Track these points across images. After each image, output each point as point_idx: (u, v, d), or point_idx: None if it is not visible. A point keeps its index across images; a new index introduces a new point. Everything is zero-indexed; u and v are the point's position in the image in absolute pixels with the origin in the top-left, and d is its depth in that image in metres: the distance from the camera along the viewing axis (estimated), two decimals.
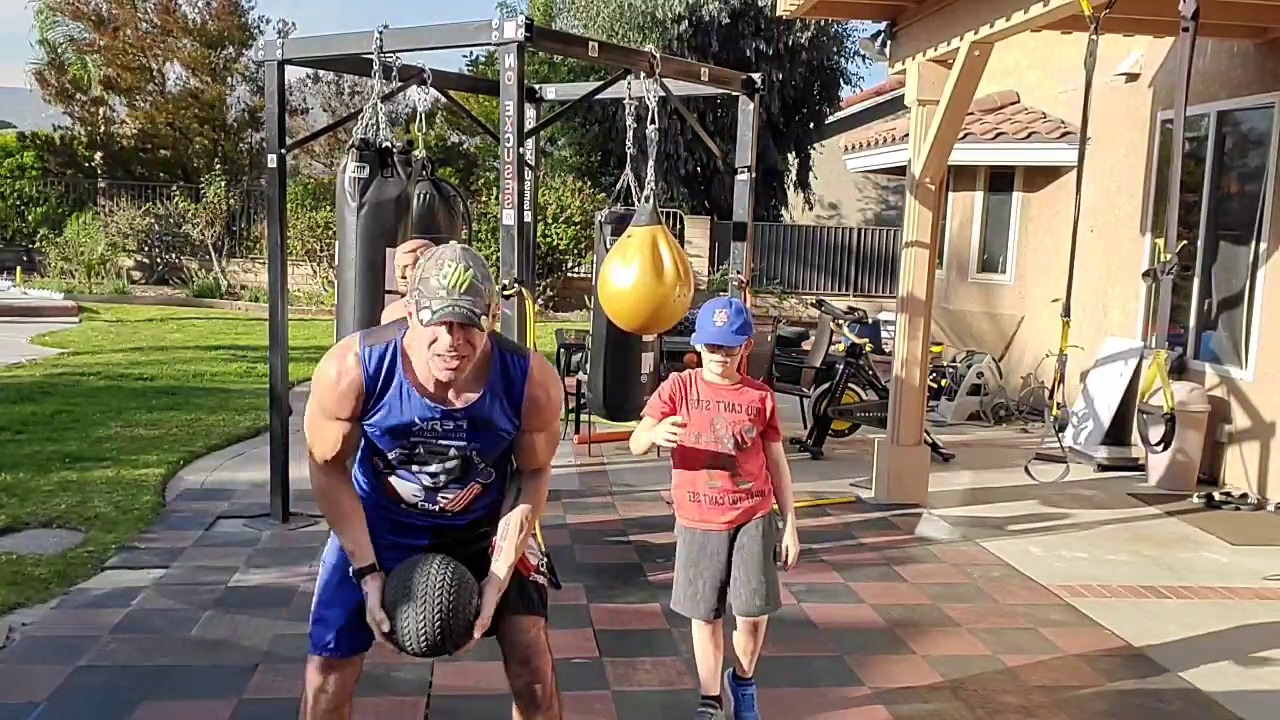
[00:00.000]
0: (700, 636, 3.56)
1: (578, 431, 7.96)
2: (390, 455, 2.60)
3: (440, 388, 2.51)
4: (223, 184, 18.93)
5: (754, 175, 6.31)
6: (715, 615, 3.51)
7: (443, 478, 2.61)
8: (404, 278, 4.37)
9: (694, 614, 3.51)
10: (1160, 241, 4.99)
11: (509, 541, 2.60)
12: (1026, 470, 5.59)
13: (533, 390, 2.58)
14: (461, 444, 2.57)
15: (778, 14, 7.48)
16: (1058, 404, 5.10)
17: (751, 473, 3.45)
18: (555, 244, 17.32)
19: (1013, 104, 10.68)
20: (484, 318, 2.40)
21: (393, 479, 2.64)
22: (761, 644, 3.62)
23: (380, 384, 2.49)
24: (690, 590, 3.50)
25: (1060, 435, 5.11)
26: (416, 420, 2.52)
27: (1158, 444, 6.54)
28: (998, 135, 9.98)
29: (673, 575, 5.10)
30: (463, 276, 2.37)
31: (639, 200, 5.33)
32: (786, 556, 3.41)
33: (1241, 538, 6.17)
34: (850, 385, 8.30)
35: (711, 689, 3.59)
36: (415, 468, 2.60)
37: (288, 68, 5.58)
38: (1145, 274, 5.12)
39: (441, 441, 2.55)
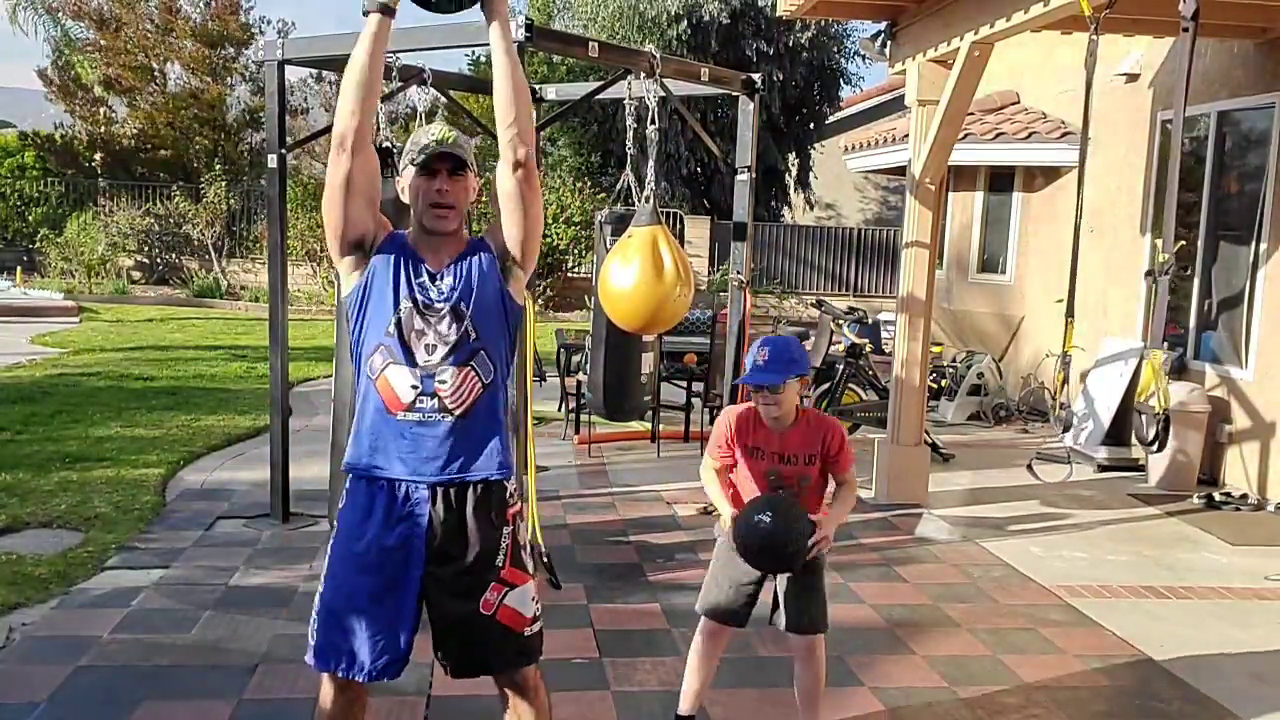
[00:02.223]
0: (701, 643, 3.43)
1: (578, 432, 7.97)
2: (393, 315, 2.60)
3: (432, 251, 2.68)
4: (223, 184, 18.94)
5: (754, 175, 6.31)
6: (732, 620, 3.35)
7: (438, 349, 2.59)
8: None
9: (701, 608, 3.37)
10: (1159, 242, 4.97)
11: None
12: (1030, 469, 5.59)
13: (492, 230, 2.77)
14: (453, 295, 2.64)
15: (778, 14, 7.49)
16: (1061, 404, 5.08)
17: (807, 509, 3.26)
18: (555, 244, 17.32)
19: (1013, 104, 10.68)
20: (469, 171, 2.66)
21: (389, 371, 2.60)
22: (822, 683, 3.39)
23: (389, 240, 2.72)
24: (711, 586, 3.36)
25: (1064, 436, 5.09)
26: (416, 271, 2.66)
27: (1151, 443, 6.53)
28: (998, 135, 9.98)
29: (673, 576, 5.11)
30: (448, 133, 2.66)
31: (639, 200, 5.33)
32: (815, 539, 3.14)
33: (1241, 538, 6.17)
34: (850, 385, 8.30)
35: (686, 708, 3.46)
36: (414, 336, 2.59)
37: (288, 68, 5.59)
38: (1148, 274, 5.10)
39: (433, 293, 2.64)
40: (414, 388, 2.60)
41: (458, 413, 2.61)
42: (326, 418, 5.23)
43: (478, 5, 2.67)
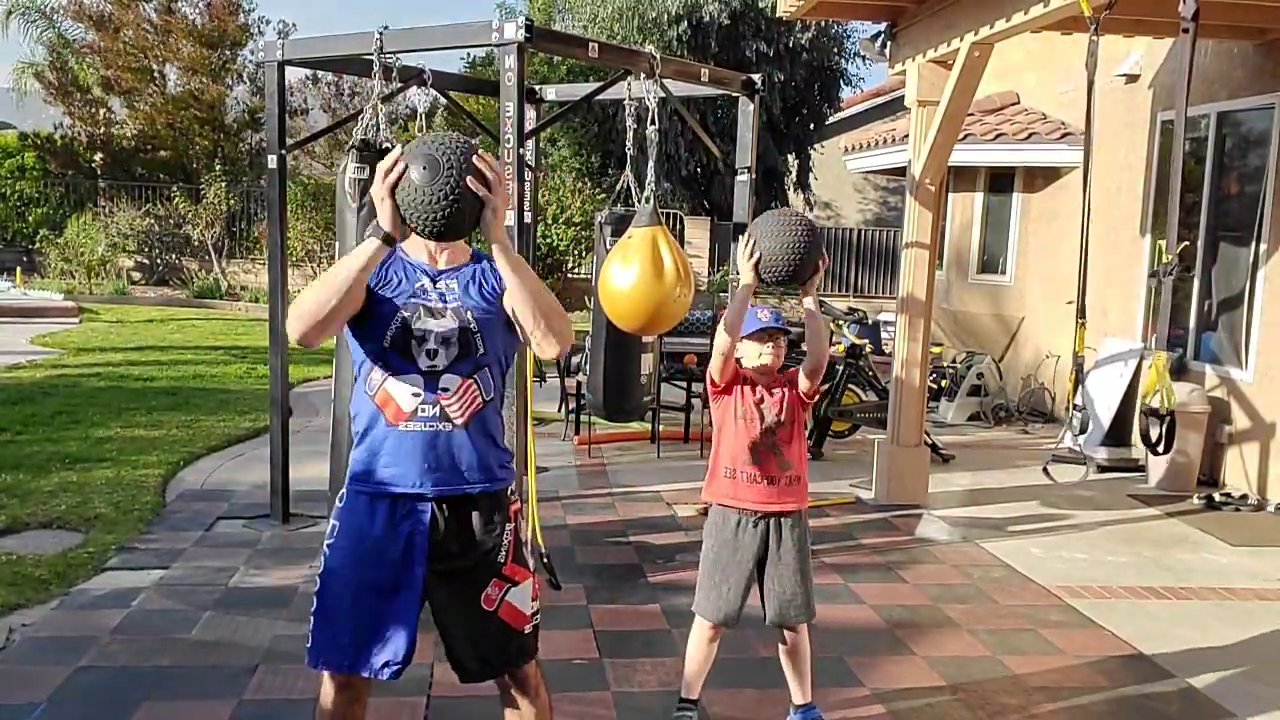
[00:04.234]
0: (700, 636, 3.54)
1: (577, 432, 7.97)
2: (390, 328, 2.58)
3: (431, 256, 2.69)
4: (223, 185, 18.93)
5: (754, 176, 6.31)
6: (729, 623, 3.49)
7: (440, 353, 2.58)
8: None
9: (713, 617, 3.48)
10: (1162, 243, 4.95)
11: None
12: (1045, 471, 5.56)
13: None
14: (455, 302, 2.63)
15: (778, 15, 7.48)
16: (1076, 406, 5.05)
17: (792, 455, 3.48)
18: (555, 245, 17.32)
19: (1013, 105, 10.68)
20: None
21: (390, 384, 2.59)
22: (810, 663, 3.59)
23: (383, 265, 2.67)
24: (714, 594, 3.47)
25: (1079, 438, 5.05)
26: (412, 277, 2.66)
27: (1156, 445, 6.50)
28: (998, 136, 9.99)
29: (673, 577, 5.11)
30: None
31: (639, 201, 5.33)
32: None
33: (1241, 539, 6.17)
34: (850, 386, 8.30)
35: (692, 691, 3.58)
36: (414, 343, 2.58)
37: (287, 68, 5.59)
38: (1152, 274, 5.08)
39: (436, 300, 2.63)
40: (415, 395, 2.59)
41: (459, 422, 2.60)
42: (326, 418, 5.23)
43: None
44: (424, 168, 2.37)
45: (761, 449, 3.45)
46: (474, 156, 2.43)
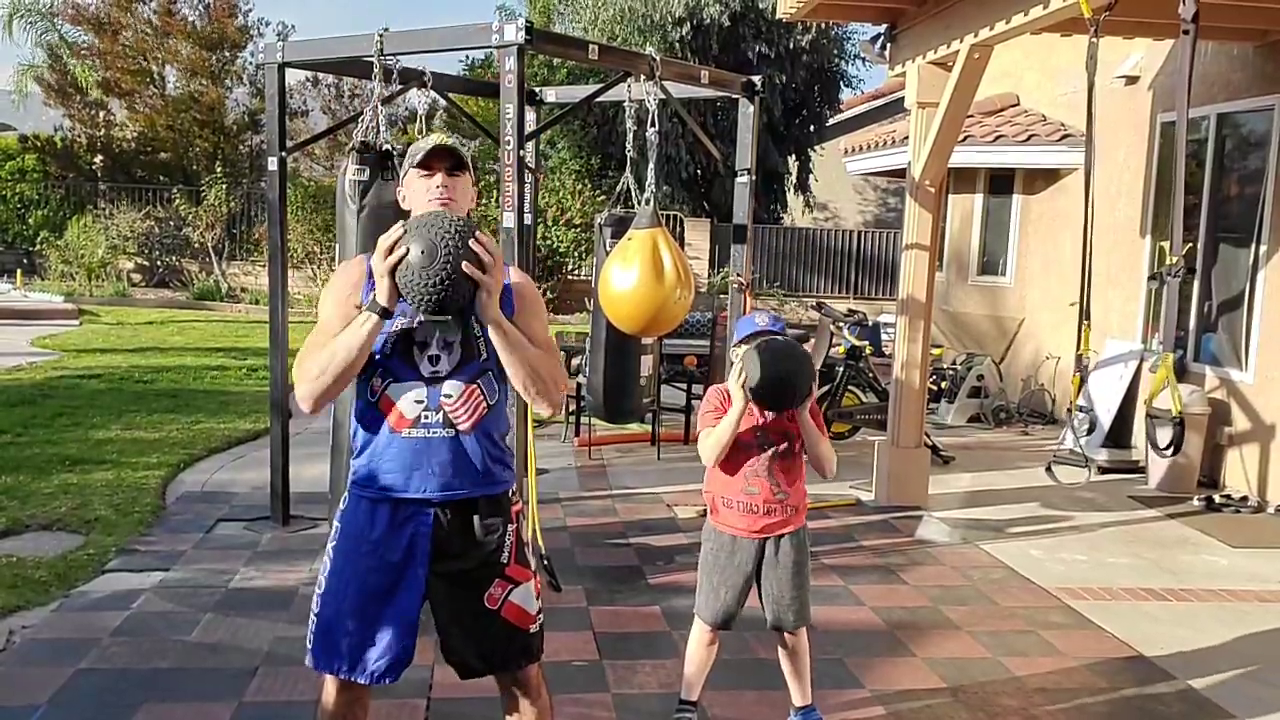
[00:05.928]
0: (699, 638, 3.56)
1: (577, 434, 7.97)
2: (393, 335, 2.58)
3: None
4: (223, 187, 18.95)
5: (754, 178, 6.31)
6: (728, 626, 3.51)
7: (443, 359, 2.59)
8: None
9: (710, 619, 3.49)
10: (1165, 245, 4.95)
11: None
12: (1049, 471, 5.54)
13: (515, 279, 2.74)
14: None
15: (778, 17, 7.49)
16: (1080, 407, 5.02)
17: (789, 484, 3.44)
18: (555, 247, 17.33)
19: (1012, 106, 10.69)
20: (467, 172, 2.68)
21: (391, 390, 2.59)
22: (809, 665, 3.59)
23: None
24: (713, 597, 3.48)
25: (1084, 439, 5.03)
26: None
27: (1166, 448, 6.49)
28: (997, 138, 9.99)
29: (673, 578, 5.11)
30: (446, 139, 2.69)
31: (639, 203, 5.33)
32: None
33: (1241, 540, 6.17)
34: (850, 388, 8.30)
35: (692, 693, 3.59)
36: (416, 350, 2.58)
37: (287, 70, 5.59)
38: (1151, 278, 5.07)
39: None
40: (418, 402, 2.58)
41: (462, 428, 2.60)
42: (326, 420, 5.23)
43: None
44: (421, 251, 2.44)
45: (757, 479, 3.41)
46: (471, 239, 2.47)
